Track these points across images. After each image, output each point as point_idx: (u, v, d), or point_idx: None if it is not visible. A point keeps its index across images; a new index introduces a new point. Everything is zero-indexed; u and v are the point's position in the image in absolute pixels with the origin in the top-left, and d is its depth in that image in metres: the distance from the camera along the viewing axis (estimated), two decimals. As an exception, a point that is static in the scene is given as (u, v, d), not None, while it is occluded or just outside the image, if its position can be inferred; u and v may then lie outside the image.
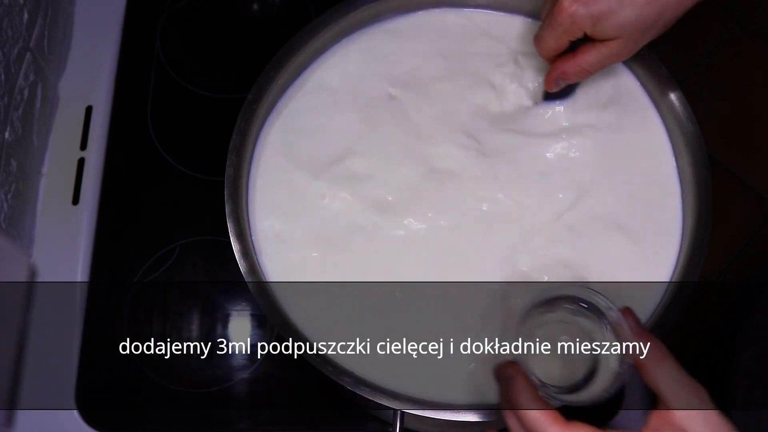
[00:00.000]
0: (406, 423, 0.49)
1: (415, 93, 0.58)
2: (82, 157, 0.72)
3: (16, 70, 0.65)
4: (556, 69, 0.53)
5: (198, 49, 0.77)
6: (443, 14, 0.60)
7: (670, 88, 0.55)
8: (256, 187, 0.55)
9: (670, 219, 0.55)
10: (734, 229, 1.30)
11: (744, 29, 1.38)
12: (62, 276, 0.68)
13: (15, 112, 0.65)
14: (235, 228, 0.51)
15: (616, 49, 0.50)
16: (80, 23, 0.78)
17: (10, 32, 0.63)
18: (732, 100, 1.35)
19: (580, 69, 0.52)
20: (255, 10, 0.79)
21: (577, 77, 0.53)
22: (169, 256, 0.68)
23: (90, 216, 0.70)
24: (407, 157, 0.56)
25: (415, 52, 0.59)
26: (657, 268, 0.53)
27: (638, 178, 0.56)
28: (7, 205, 0.64)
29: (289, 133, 0.57)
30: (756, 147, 1.34)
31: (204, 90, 0.74)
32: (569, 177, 0.55)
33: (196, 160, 0.72)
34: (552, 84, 0.54)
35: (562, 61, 0.52)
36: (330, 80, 0.59)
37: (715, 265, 1.28)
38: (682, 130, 0.54)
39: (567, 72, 0.52)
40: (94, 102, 0.74)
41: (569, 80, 0.53)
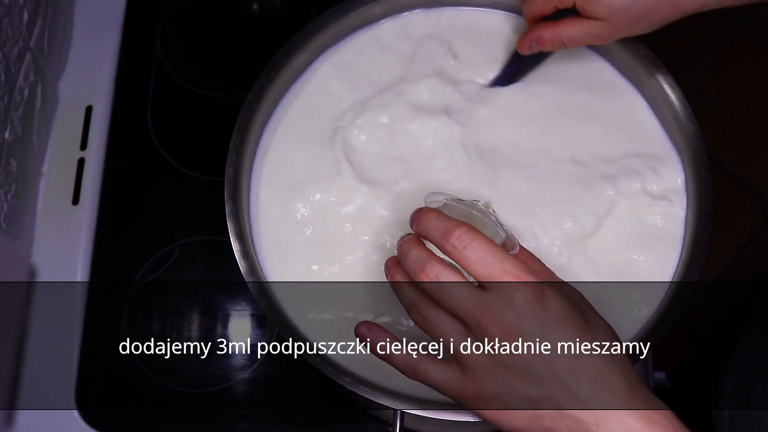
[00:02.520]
0: (406, 423, 0.49)
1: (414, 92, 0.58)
2: (82, 157, 0.72)
3: (16, 70, 0.65)
4: (534, 32, 0.53)
5: (198, 49, 0.77)
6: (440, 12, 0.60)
7: (669, 87, 0.55)
8: (256, 187, 0.55)
9: (670, 219, 0.55)
10: (734, 230, 1.30)
11: (744, 30, 1.38)
12: (62, 276, 0.68)
13: (15, 112, 0.65)
14: (235, 228, 0.51)
15: (598, 30, 0.50)
16: (80, 23, 0.78)
17: (10, 32, 0.63)
18: (732, 100, 1.35)
19: (556, 38, 0.52)
20: (255, 10, 0.79)
21: (551, 46, 0.53)
22: (169, 256, 0.68)
23: (90, 216, 0.70)
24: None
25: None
26: (657, 269, 0.53)
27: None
28: (7, 205, 0.64)
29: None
30: (756, 147, 1.34)
31: (204, 90, 0.74)
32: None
33: (196, 160, 0.72)
34: (525, 46, 0.54)
35: (542, 26, 0.52)
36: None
37: (715, 265, 1.28)
38: (682, 130, 0.54)
39: (543, 37, 0.52)
40: (94, 102, 0.74)
41: (542, 46, 0.53)
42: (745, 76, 1.37)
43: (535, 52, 0.54)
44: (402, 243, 0.42)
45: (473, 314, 0.39)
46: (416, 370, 0.41)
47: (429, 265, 0.40)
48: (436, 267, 0.40)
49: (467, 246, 0.39)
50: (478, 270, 0.39)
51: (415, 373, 0.42)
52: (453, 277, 0.40)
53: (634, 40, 0.56)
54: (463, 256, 0.40)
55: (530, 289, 0.39)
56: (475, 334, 0.39)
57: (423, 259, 0.40)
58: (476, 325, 0.39)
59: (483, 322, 0.39)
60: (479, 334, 0.39)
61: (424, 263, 0.40)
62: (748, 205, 1.31)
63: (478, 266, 0.39)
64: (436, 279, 0.40)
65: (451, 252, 0.40)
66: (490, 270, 0.39)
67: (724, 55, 1.37)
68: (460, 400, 0.41)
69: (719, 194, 0.52)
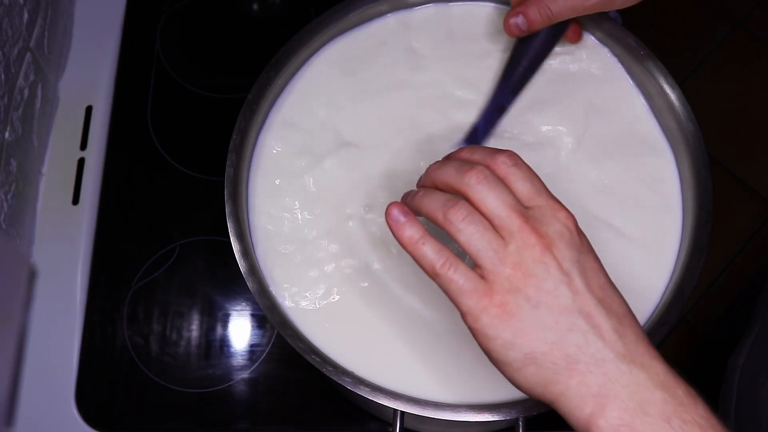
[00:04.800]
0: (406, 423, 0.49)
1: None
2: (82, 157, 0.72)
3: (16, 70, 0.65)
4: (519, 7, 0.50)
5: (198, 49, 0.77)
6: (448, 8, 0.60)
7: (669, 87, 0.55)
8: (256, 187, 0.55)
9: (670, 219, 0.55)
10: (734, 229, 1.30)
11: (744, 29, 1.38)
12: (62, 276, 0.68)
13: (15, 112, 0.65)
14: (235, 228, 0.51)
15: None
16: (80, 23, 0.78)
17: (10, 32, 0.63)
18: (732, 101, 1.35)
19: (544, 11, 0.50)
20: (255, 10, 0.79)
21: (540, 21, 0.50)
22: (169, 256, 0.68)
23: (90, 216, 0.70)
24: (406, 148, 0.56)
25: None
26: (657, 268, 0.53)
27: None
28: (7, 205, 0.64)
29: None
30: (756, 147, 1.34)
31: (204, 90, 0.74)
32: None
33: (196, 160, 0.72)
34: (512, 27, 0.51)
35: (527, 1, 0.50)
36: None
37: (715, 265, 1.28)
38: (682, 130, 0.54)
39: (529, 13, 0.50)
40: (94, 102, 0.74)
41: (530, 23, 0.50)
42: (744, 76, 1.37)
43: (524, 32, 0.51)
44: (433, 163, 0.42)
45: (518, 219, 0.38)
46: (443, 266, 0.39)
47: (478, 167, 0.39)
48: (485, 170, 0.39)
49: (517, 164, 0.40)
50: (526, 186, 0.39)
51: (441, 269, 0.39)
52: (500, 182, 0.39)
53: (634, 40, 0.56)
54: (512, 171, 0.39)
55: (570, 217, 0.39)
56: (516, 241, 0.38)
57: (468, 164, 0.40)
58: (519, 230, 0.38)
59: (527, 229, 0.38)
60: (519, 241, 0.38)
61: (470, 165, 0.39)
62: (748, 205, 1.31)
63: (526, 183, 0.39)
64: (485, 179, 0.39)
65: (499, 167, 0.39)
66: (539, 189, 0.39)
67: (724, 55, 1.37)
68: (480, 311, 0.38)
69: (719, 194, 0.52)
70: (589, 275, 0.38)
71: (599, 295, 0.38)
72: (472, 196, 0.39)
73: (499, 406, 0.47)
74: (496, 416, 0.47)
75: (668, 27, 1.35)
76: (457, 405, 0.47)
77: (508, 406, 0.47)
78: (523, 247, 0.38)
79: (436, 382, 0.50)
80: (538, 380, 0.38)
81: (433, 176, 0.41)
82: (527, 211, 0.39)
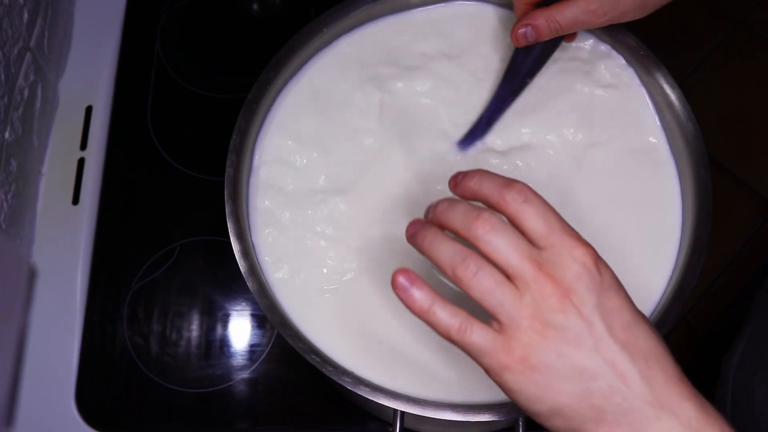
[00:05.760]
0: (406, 423, 0.49)
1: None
2: (82, 157, 0.72)
3: (16, 70, 0.65)
4: (527, 18, 0.50)
5: (198, 49, 0.77)
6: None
7: (669, 87, 0.55)
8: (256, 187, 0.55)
9: (669, 219, 0.55)
10: (734, 229, 1.30)
11: (744, 30, 1.38)
12: (62, 276, 0.68)
13: (15, 112, 0.65)
14: (235, 228, 0.51)
15: (595, 5, 0.49)
16: (80, 23, 0.78)
17: (10, 32, 0.63)
18: (732, 101, 1.35)
19: (552, 20, 0.50)
20: (255, 10, 0.79)
21: (548, 31, 0.50)
22: (169, 256, 0.68)
23: (90, 216, 0.70)
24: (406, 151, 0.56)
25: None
26: (657, 268, 0.53)
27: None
28: (7, 205, 0.64)
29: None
30: (756, 147, 1.34)
31: (204, 90, 0.74)
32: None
33: (196, 160, 0.72)
34: (520, 37, 0.51)
35: (535, 11, 0.50)
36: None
37: (715, 265, 1.28)
38: (682, 130, 0.54)
39: (537, 23, 0.50)
40: (94, 102, 0.74)
41: (538, 33, 0.50)
42: (745, 76, 1.37)
43: (531, 42, 0.52)
44: (441, 200, 0.39)
45: (531, 268, 0.36)
46: (459, 331, 0.37)
47: (485, 214, 0.37)
48: (493, 217, 0.37)
49: (528, 199, 0.37)
50: (538, 225, 0.37)
51: (457, 335, 0.37)
52: (510, 228, 0.37)
53: (633, 40, 0.56)
54: (522, 209, 0.37)
55: (589, 252, 0.36)
56: (532, 291, 0.36)
57: (475, 210, 0.37)
58: (534, 280, 0.36)
59: (542, 278, 0.36)
60: (535, 291, 0.36)
61: (478, 212, 0.37)
62: (748, 205, 1.31)
63: (538, 220, 0.37)
64: (492, 229, 0.37)
65: (509, 204, 0.37)
66: (552, 226, 0.37)
67: (724, 55, 1.37)
68: (502, 368, 0.37)
69: (719, 194, 0.52)
70: (612, 317, 0.36)
71: (623, 339, 0.36)
72: (482, 247, 0.37)
73: (499, 406, 0.47)
74: (496, 416, 0.47)
75: (668, 27, 1.35)
76: (457, 405, 0.47)
77: (508, 406, 0.47)
78: (539, 297, 0.36)
79: (436, 382, 0.50)
80: (567, 429, 0.37)
81: (441, 218, 0.39)
82: (541, 253, 0.37)
